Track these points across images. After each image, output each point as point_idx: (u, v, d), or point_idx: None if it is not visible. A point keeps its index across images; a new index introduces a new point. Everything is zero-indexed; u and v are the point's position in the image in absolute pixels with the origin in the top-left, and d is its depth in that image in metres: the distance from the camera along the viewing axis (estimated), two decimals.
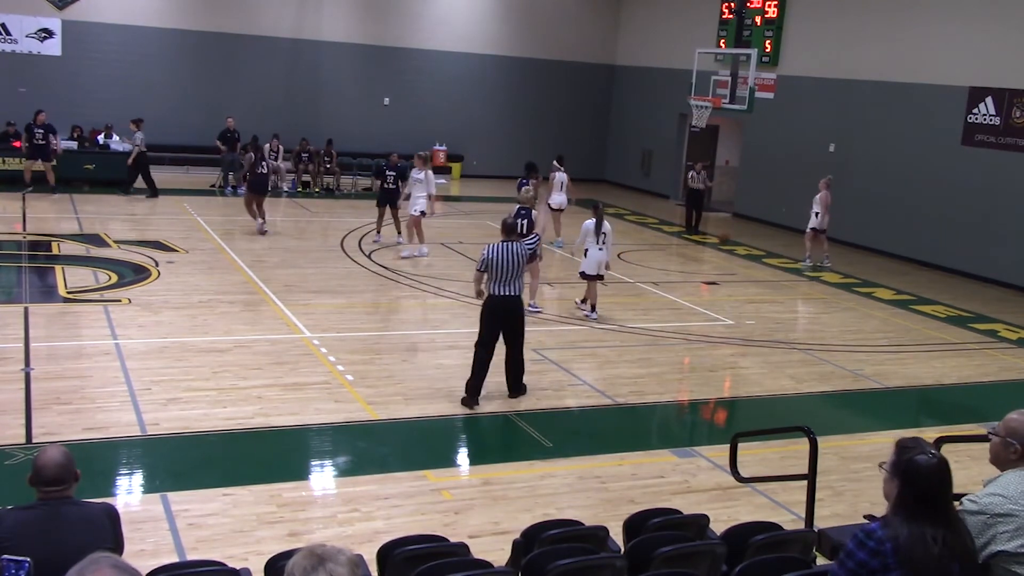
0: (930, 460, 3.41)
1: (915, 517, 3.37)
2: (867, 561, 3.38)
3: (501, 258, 9.06)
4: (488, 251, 9.13)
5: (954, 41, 17.82)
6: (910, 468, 3.41)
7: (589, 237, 12.49)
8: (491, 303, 9.18)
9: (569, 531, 4.97)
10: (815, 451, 6.26)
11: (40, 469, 4.12)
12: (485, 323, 9.28)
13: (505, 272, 9.07)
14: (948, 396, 11.03)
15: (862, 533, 3.44)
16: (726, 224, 21.85)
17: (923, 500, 3.38)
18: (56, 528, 4.02)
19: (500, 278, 9.09)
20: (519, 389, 9.50)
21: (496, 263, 9.05)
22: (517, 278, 9.18)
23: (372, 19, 25.00)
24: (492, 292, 9.15)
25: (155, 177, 19.82)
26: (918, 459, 3.42)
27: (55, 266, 13.39)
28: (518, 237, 10.00)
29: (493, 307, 9.18)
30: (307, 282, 13.60)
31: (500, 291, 9.13)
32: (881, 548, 3.37)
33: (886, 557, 3.35)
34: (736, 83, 20.43)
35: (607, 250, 12.53)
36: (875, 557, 3.37)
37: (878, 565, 3.36)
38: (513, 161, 25.55)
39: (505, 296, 9.15)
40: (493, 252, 9.09)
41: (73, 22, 22.30)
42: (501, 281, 9.10)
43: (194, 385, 9.15)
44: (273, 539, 6.32)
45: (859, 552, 3.41)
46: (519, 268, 9.17)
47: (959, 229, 17.84)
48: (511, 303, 9.22)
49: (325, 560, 2.41)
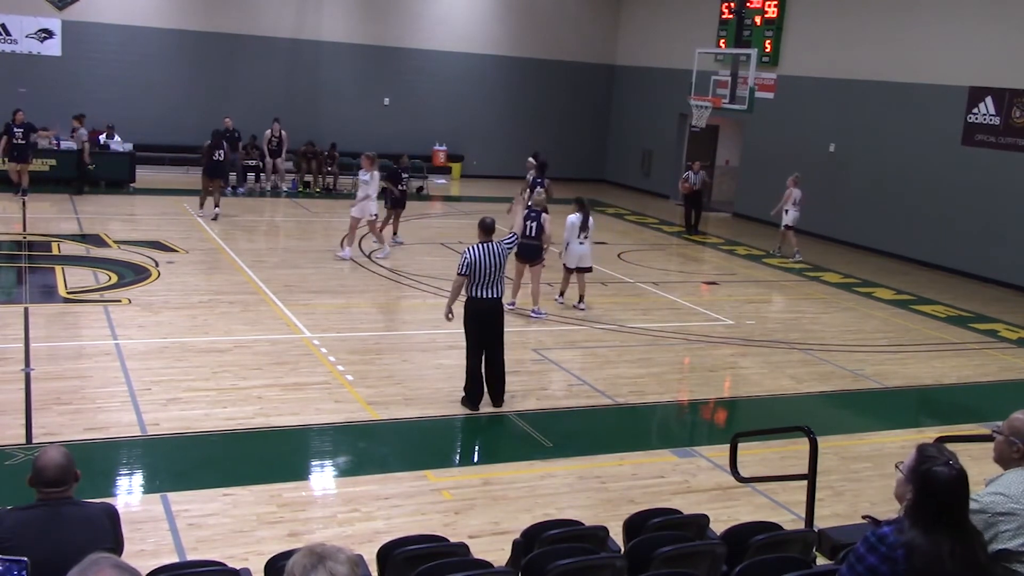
0: (950, 472, 3.34)
1: (932, 528, 3.30)
2: (877, 566, 3.32)
3: (483, 260, 8.85)
4: (469, 253, 8.89)
5: (954, 41, 17.82)
6: (928, 478, 3.35)
7: (573, 232, 12.81)
8: (474, 307, 8.95)
9: (569, 531, 4.97)
10: (815, 451, 6.26)
11: (41, 470, 4.12)
12: (470, 329, 9.05)
13: (487, 274, 8.86)
14: (948, 396, 11.04)
15: (874, 537, 3.37)
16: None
17: (940, 512, 3.32)
18: (56, 528, 4.02)
19: (482, 280, 8.87)
20: (501, 397, 9.22)
21: (478, 265, 8.83)
22: (499, 280, 8.99)
23: (372, 19, 25.00)
24: (473, 295, 8.92)
25: (155, 177, 19.82)
26: (938, 471, 3.35)
27: (55, 266, 13.39)
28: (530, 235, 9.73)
29: (476, 311, 8.96)
30: (307, 282, 13.60)
31: (483, 294, 8.91)
32: (893, 554, 3.31)
33: (897, 564, 3.29)
34: (736, 83, 20.43)
35: (588, 244, 12.99)
36: (885, 563, 3.31)
37: (888, 571, 3.31)
38: (513, 161, 25.58)
39: (488, 299, 8.94)
40: (474, 254, 8.85)
41: (73, 22, 22.29)
42: (484, 284, 8.88)
43: (194, 385, 9.15)
44: (273, 539, 6.32)
45: (870, 556, 3.35)
46: (501, 269, 8.97)
47: (959, 229, 17.84)
48: (495, 305, 9.01)
49: (325, 559, 2.41)
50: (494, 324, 9.08)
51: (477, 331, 9.04)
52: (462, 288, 9.00)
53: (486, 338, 9.08)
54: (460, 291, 9.03)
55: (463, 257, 8.94)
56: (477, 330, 9.04)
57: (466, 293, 9.00)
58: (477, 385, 9.10)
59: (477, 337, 9.06)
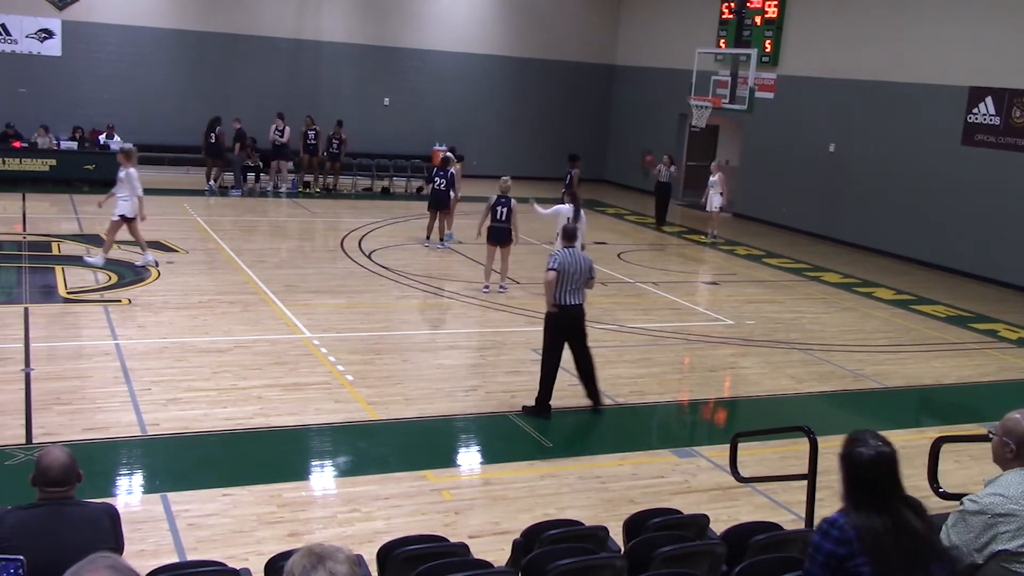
0: (869, 453, 3.55)
1: (863, 507, 3.49)
2: (834, 551, 3.47)
3: (570, 263, 8.90)
4: (558, 254, 8.98)
5: (954, 41, 17.82)
6: (851, 460, 3.59)
7: (561, 220, 12.61)
8: (558, 313, 8.98)
9: (569, 531, 4.97)
10: (815, 451, 6.25)
11: (45, 470, 4.12)
12: (554, 335, 9.08)
13: (572, 279, 8.93)
14: (948, 396, 11.03)
15: (825, 524, 3.56)
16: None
17: (867, 491, 3.52)
18: (58, 529, 4.02)
19: (567, 285, 8.92)
20: (599, 394, 9.31)
21: (565, 267, 8.88)
22: (581, 288, 9.05)
23: (372, 19, 25.00)
24: (560, 301, 8.96)
25: (155, 177, 19.82)
26: (859, 451, 3.57)
27: (55, 266, 13.39)
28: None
29: (562, 317, 8.99)
30: (307, 282, 13.60)
31: (568, 300, 8.97)
32: (845, 536, 3.47)
33: (852, 544, 3.45)
34: (736, 83, 20.44)
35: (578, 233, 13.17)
36: (841, 545, 3.46)
37: (846, 552, 3.45)
38: (513, 161, 25.61)
39: (573, 305, 8.99)
40: (563, 256, 8.93)
41: (73, 22, 22.29)
42: (568, 289, 8.94)
43: (194, 385, 9.15)
44: (273, 539, 6.32)
45: (825, 543, 3.50)
46: (584, 275, 9.01)
47: (959, 229, 17.84)
48: (578, 311, 9.08)
49: (324, 559, 2.41)
50: (579, 328, 9.14)
51: (563, 337, 9.09)
52: (554, 285, 8.94)
53: (573, 343, 9.14)
54: (554, 287, 8.96)
55: (552, 258, 8.99)
56: (563, 336, 9.09)
57: (552, 299, 9.00)
58: (549, 389, 9.10)
59: (562, 342, 9.10)
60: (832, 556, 3.48)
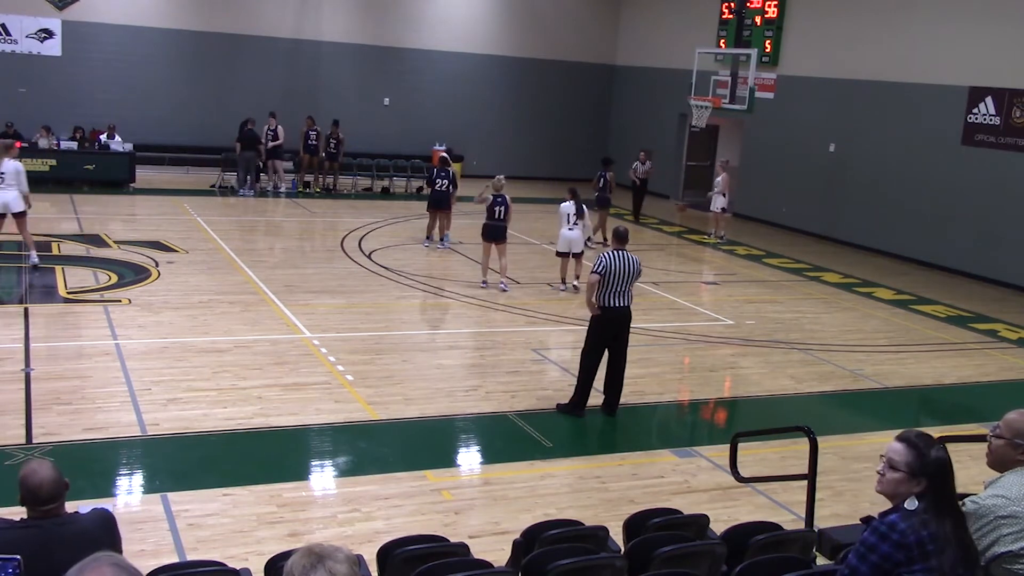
0: (946, 455, 3.45)
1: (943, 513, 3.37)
2: (892, 554, 3.34)
3: (616, 265, 8.92)
4: (605, 257, 8.97)
5: (954, 41, 17.81)
6: (940, 463, 3.41)
7: (564, 218, 13.99)
8: (605, 314, 9.01)
9: (569, 531, 4.96)
10: (815, 451, 6.25)
11: (36, 489, 3.89)
12: (595, 334, 9.11)
13: (619, 281, 8.94)
14: (948, 396, 11.03)
15: (884, 526, 3.40)
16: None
17: (951, 495, 3.42)
18: (54, 548, 3.83)
19: (613, 287, 8.94)
20: (616, 405, 9.29)
21: (611, 269, 8.90)
22: (628, 290, 9.07)
23: (372, 19, 24.99)
24: (604, 303, 8.99)
25: (155, 177, 19.83)
26: (943, 456, 3.43)
27: (55, 266, 13.39)
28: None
29: (607, 318, 9.02)
30: (307, 282, 13.60)
31: (614, 302, 8.99)
32: (905, 540, 3.34)
33: (911, 550, 3.32)
34: (736, 83, 20.44)
35: (578, 230, 14.09)
36: (900, 550, 3.34)
37: (903, 558, 3.33)
38: (513, 161, 25.63)
39: (619, 307, 9.02)
40: (610, 260, 8.94)
41: (73, 22, 22.29)
42: (614, 291, 8.96)
43: (194, 385, 9.15)
44: (273, 539, 6.32)
45: (883, 545, 3.36)
46: (632, 278, 9.02)
47: (959, 229, 17.84)
48: (625, 313, 9.10)
49: (324, 558, 2.41)
50: (623, 331, 9.15)
51: (606, 337, 9.10)
52: (596, 287, 8.96)
53: (613, 345, 9.15)
54: (595, 289, 8.98)
55: (600, 260, 8.99)
56: (607, 337, 9.10)
57: (597, 300, 9.02)
58: (588, 389, 9.12)
59: (604, 344, 9.12)
60: (888, 559, 3.35)
